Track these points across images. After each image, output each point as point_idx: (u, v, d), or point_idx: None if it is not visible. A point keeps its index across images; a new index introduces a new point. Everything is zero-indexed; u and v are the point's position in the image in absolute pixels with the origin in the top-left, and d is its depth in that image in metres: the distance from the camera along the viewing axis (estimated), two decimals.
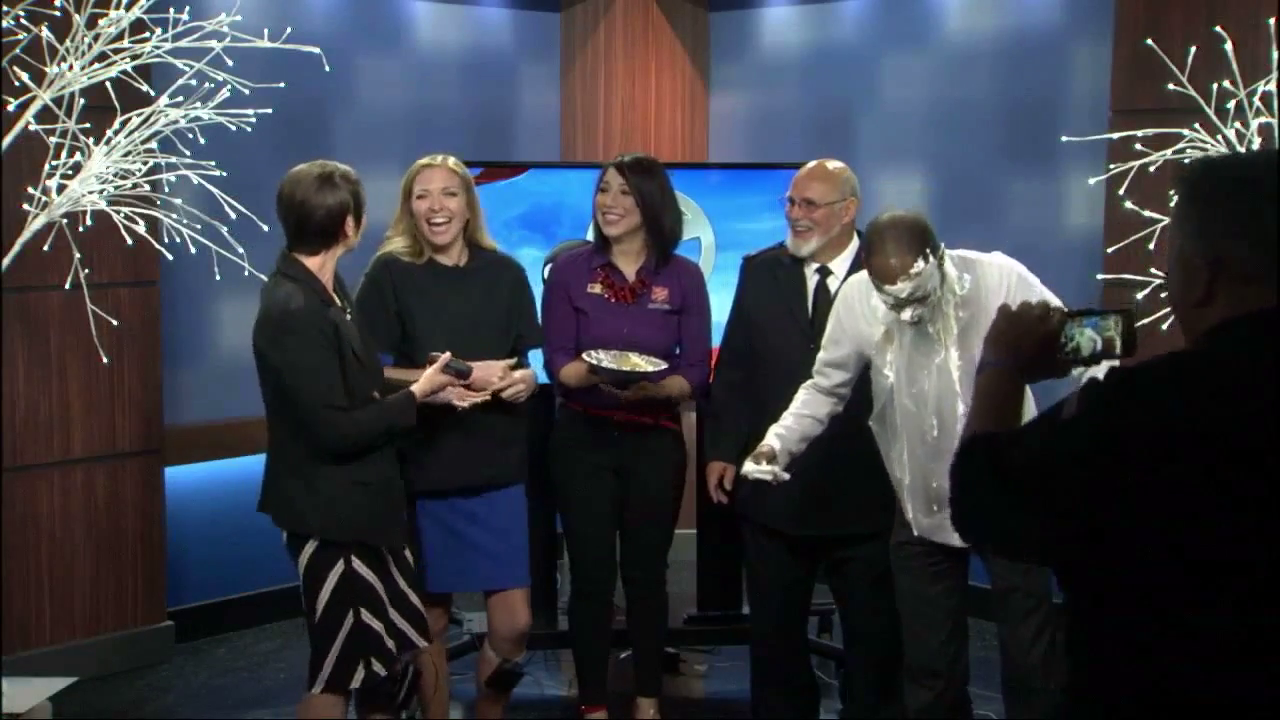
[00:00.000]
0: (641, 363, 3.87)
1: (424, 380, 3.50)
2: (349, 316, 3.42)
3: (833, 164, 3.86)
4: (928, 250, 3.21)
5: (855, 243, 3.86)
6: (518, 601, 3.84)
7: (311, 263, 3.35)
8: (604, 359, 3.85)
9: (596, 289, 4.01)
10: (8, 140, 3.62)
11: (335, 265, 3.40)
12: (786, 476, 3.48)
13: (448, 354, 3.52)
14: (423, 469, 3.71)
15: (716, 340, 4.12)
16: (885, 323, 3.40)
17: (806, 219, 3.79)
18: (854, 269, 3.82)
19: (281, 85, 3.88)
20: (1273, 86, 3.64)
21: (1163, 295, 3.84)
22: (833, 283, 3.83)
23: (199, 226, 3.81)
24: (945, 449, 3.31)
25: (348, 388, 3.31)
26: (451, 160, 3.77)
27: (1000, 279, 3.33)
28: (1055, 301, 3.28)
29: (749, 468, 3.49)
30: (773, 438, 3.55)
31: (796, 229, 3.81)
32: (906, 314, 3.27)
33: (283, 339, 3.27)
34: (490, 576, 3.84)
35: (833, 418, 3.63)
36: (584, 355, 3.88)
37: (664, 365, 3.88)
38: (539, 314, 4.01)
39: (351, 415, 3.31)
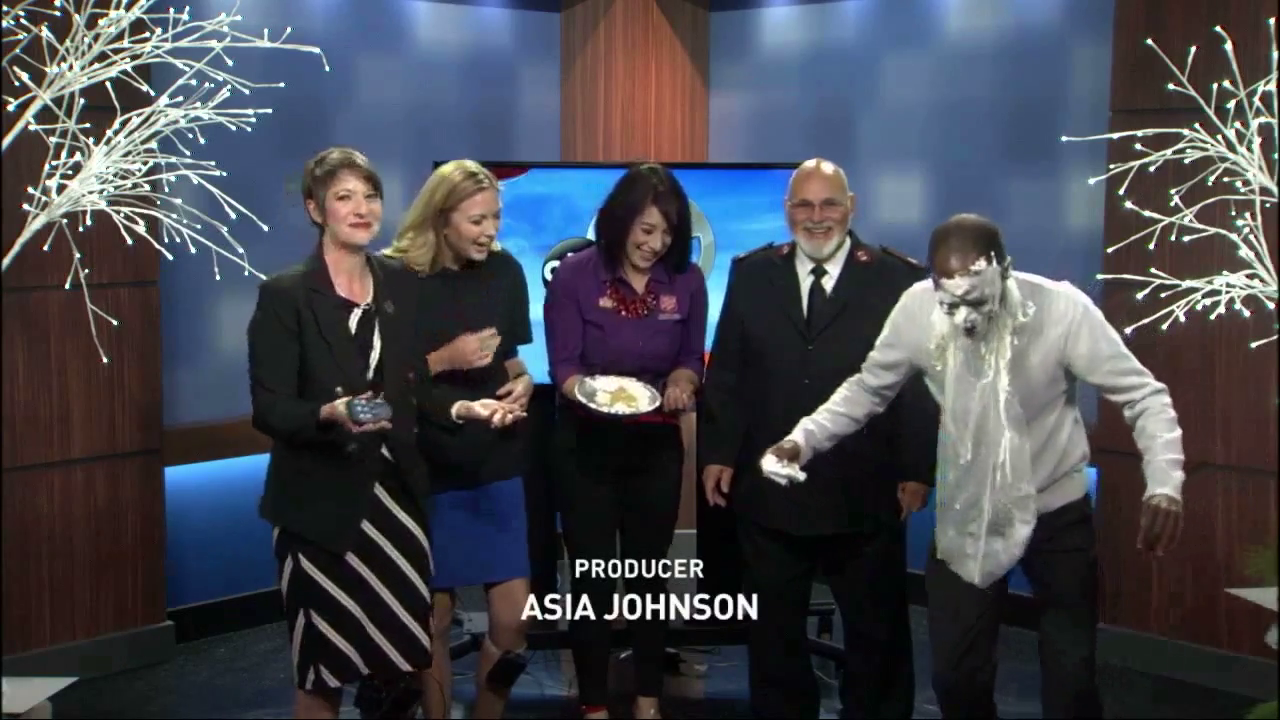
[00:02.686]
0: (636, 394, 3.86)
1: (328, 406, 3.23)
2: (357, 313, 3.40)
3: (829, 164, 3.89)
4: (992, 253, 3.17)
5: (848, 241, 3.88)
6: (519, 592, 3.83)
7: (327, 248, 3.40)
8: (598, 389, 3.85)
9: (607, 303, 3.99)
10: (8, 140, 3.62)
11: (352, 256, 3.40)
12: (802, 477, 3.39)
13: (370, 393, 3.25)
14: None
15: (709, 343, 4.11)
16: (941, 336, 3.31)
17: (829, 219, 3.80)
18: (848, 266, 3.85)
19: (281, 85, 3.87)
20: (1273, 86, 3.63)
21: (1162, 295, 3.84)
22: (827, 282, 3.84)
23: (199, 226, 3.81)
24: (977, 475, 3.28)
25: (305, 373, 3.31)
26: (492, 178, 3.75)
27: (1064, 311, 3.27)
28: (1114, 335, 3.26)
29: (769, 463, 3.40)
30: (799, 432, 3.48)
31: (817, 230, 3.81)
32: (960, 315, 3.18)
33: (255, 311, 3.36)
34: (491, 567, 3.83)
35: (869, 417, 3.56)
36: (575, 390, 3.84)
37: (658, 401, 3.88)
38: (544, 318, 4.02)
39: (272, 400, 3.30)
